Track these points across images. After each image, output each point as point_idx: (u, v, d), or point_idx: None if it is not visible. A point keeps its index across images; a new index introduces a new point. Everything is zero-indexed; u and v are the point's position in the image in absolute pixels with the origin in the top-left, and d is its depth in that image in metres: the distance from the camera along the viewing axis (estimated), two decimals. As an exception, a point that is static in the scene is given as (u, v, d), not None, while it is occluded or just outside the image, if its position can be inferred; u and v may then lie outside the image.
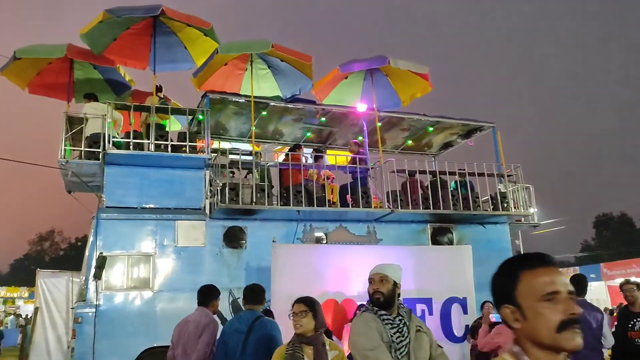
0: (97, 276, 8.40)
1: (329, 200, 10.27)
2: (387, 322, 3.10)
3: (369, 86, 11.71)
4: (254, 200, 9.36)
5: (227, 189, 9.17)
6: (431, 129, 12.55)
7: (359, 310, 3.29)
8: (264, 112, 11.04)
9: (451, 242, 10.96)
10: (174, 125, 11.64)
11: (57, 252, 71.34)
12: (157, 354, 8.51)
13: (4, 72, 10.01)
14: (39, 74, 10.58)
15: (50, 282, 12.29)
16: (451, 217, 10.95)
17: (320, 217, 10.18)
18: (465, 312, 8.57)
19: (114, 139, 9.16)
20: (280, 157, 12.00)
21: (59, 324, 12.09)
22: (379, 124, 11.31)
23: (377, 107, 11.29)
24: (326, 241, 10.15)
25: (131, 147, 9.14)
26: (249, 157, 10.18)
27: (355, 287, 8.29)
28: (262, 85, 11.27)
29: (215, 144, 10.95)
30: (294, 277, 8.07)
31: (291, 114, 11.49)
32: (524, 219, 12.06)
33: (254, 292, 4.64)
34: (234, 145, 12.03)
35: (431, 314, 8.45)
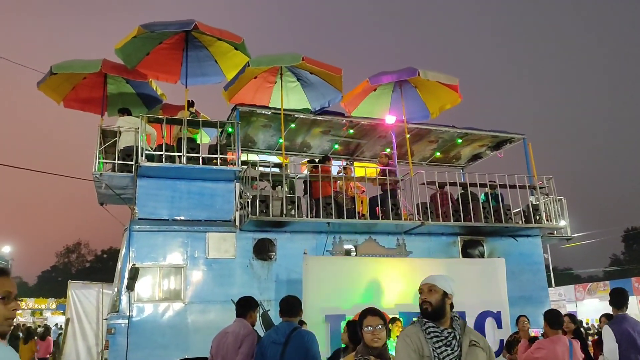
0: (130, 287, 8.49)
1: (358, 212, 10.24)
2: (433, 334, 2.97)
3: (397, 98, 11.69)
4: (284, 212, 9.38)
5: (257, 200, 9.21)
6: (460, 140, 12.48)
7: (412, 321, 3.22)
8: (293, 125, 11.09)
9: (482, 255, 10.83)
10: (204, 139, 11.77)
11: (83, 264, 72.13)
12: (188, 365, 8.56)
13: (41, 87, 10.23)
14: (74, 89, 10.81)
15: (81, 293, 12.44)
16: (482, 229, 10.83)
17: (349, 229, 10.15)
18: (499, 326, 8.45)
19: (147, 152, 9.27)
20: (305, 170, 12.03)
21: (89, 335, 12.22)
22: (408, 136, 11.27)
23: (407, 119, 11.28)
24: (355, 254, 10.11)
25: (163, 159, 9.26)
26: (278, 170, 10.24)
27: (386, 300, 8.24)
28: (291, 98, 11.33)
29: (243, 157, 11.03)
30: (326, 289, 8.06)
31: (319, 126, 11.52)
32: (556, 231, 11.88)
33: (290, 304, 4.59)
34: (262, 157, 12.11)
35: (464, 327, 8.34)
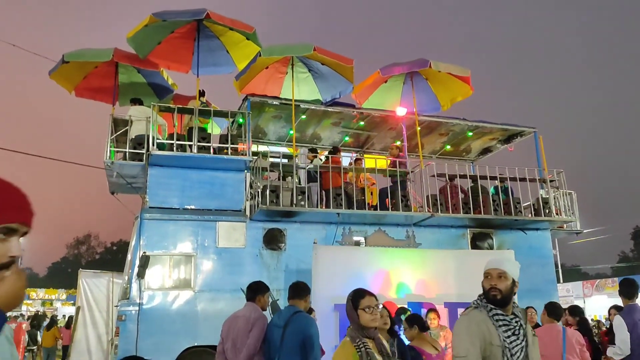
0: (141, 275, 8.54)
1: (368, 203, 10.25)
2: (502, 323, 2.77)
3: (408, 90, 11.67)
4: (294, 202, 9.40)
5: (267, 190, 9.23)
6: (470, 133, 12.44)
7: (471, 305, 2.93)
8: (303, 116, 11.10)
9: (491, 248, 10.81)
10: (215, 130, 11.78)
11: (93, 256, 72.64)
12: (198, 353, 8.60)
13: (53, 76, 10.28)
14: (86, 78, 10.85)
15: (92, 282, 12.51)
16: (492, 222, 10.81)
17: (359, 220, 10.16)
18: (508, 317, 8.44)
19: (158, 141, 9.30)
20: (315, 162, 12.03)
21: (99, 324, 12.29)
22: (418, 128, 11.25)
23: (417, 111, 11.25)
24: (365, 245, 10.11)
25: (174, 148, 9.30)
26: (289, 160, 10.27)
27: (395, 290, 8.27)
28: (302, 88, 11.32)
29: (254, 148, 11.04)
30: (335, 278, 8.07)
31: (330, 118, 11.52)
32: (565, 225, 11.83)
33: (296, 287, 4.75)
34: (272, 149, 12.12)
35: (473, 318, 8.34)
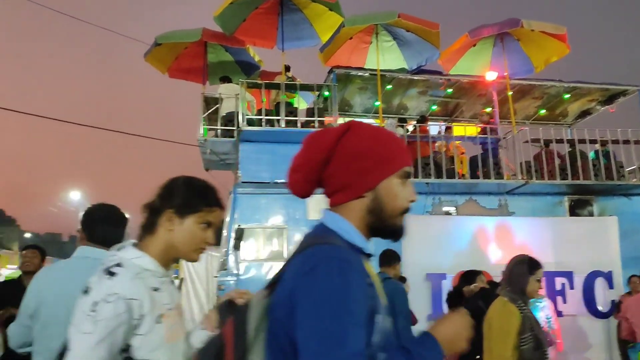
0: (236, 247, 8.89)
1: (458, 172, 10.03)
2: None
3: (499, 52, 11.17)
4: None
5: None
6: (567, 96, 11.73)
7: None
8: (389, 86, 10.96)
9: (592, 215, 10.28)
10: (301, 104, 11.91)
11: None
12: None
13: (148, 58, 10.73)
14: (177, 59, 11.22)
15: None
16: (591, 188, 10.27)
17: (449, 189, 9.96)
18: (611, 286, 8.10)
19: (247, 117, 9.54)
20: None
21: (201, 293, 12.95)
22: (510, 93, 10.79)
23: (509, 75, 10.79)
24: (456, 215, 9.93)
25: (263, 123, 9.49)
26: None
27: (488, 260, 8.08)
28: (387, 57, 11.13)
29: (340, 120, 11.05)
30: (426, 248, 8.01)
31: (416, 87, 11.31)
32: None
33: (386, 255, 5.09)
34: (359, 121, 12.06)
35: (572, 287, 8.06)
